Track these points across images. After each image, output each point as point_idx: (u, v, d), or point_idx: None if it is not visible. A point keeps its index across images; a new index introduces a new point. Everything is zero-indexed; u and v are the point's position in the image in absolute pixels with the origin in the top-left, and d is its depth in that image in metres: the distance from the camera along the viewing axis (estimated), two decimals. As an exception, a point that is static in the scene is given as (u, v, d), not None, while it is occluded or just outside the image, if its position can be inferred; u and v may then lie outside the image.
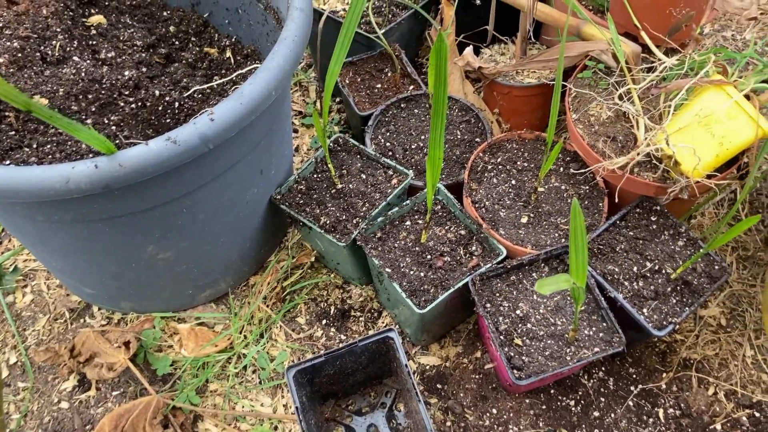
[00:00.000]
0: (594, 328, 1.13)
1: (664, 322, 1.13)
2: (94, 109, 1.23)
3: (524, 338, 1.12)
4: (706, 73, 1.15)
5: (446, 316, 1.26)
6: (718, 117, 1.13)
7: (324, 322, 1.35)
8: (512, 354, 1.10)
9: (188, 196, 1.08)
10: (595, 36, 1.24)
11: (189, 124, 0.96)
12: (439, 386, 1.27)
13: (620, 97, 1.17)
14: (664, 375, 1.26)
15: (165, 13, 1.49)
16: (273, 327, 1.34)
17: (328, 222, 1.24)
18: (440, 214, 1.26)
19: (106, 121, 1.23)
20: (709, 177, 1.15)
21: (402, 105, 1.46)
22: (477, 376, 1.28)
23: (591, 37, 1.25)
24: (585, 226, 1.23)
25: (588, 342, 1.11)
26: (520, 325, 1.13)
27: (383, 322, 1.35)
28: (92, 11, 1.42)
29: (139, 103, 1.26)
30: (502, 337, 1.12)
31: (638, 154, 1.12)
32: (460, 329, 1.34)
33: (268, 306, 1.36)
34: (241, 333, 1.33)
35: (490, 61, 1.51)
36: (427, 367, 1.30)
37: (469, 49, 1.44)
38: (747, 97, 1.15)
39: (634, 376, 1.26)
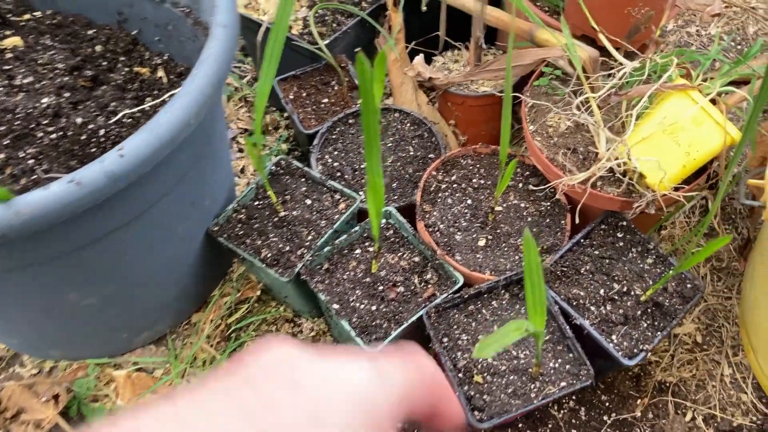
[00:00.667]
0: (560, 360, 1.04)
1: (635, 350, 1.04)
2: (7, 142, 1.12)
3: (485, 374, 1.02)
4: (669, 78, 1.07)
5: (403, 351, 1.17)
6: (684, 124, 1.05)
7: (274, 360, 1.25)
8: (472, 393, 1.01)
9: (107, 237, 0.98)
10: (549, 41, 1.15)
11: (95, 162, 0.86)
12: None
13: (578, 107, 1.08)
14: (639, 401, 1.18)
15: (90, 32, 1.37)
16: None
17: (269, 255, 1.13)
18: (392, 240, 1.17)
19: (22, 155, 1.11)
20: (676, 189, 1.07)
21: (350, 121, 1.36)
22: (440, 412, 1.18)
23: (545, 43, 1.16)
24: (547, 247, 1.15)
25: (554, 376, 1.02)
26: (480, 360, 1.04)
27: (337, 358, 1.25)
28: (6, 33, 1.31)
29: (60, 133, 1.15)
30: (460, 374, 1.03)
31: (599, 169, 1.04)
32: (420, 361, 1.25)
33: (212, 346, 1.26)
34: (183, 377, 1.23)
35: (443, 69, 1.42)
36: (386, 405, 1.20)
37: (419, 58, 1.35)
38: (713, 101, 1.07)
39: (607, 404, 1.18)
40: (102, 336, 1.19)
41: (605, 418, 1.16)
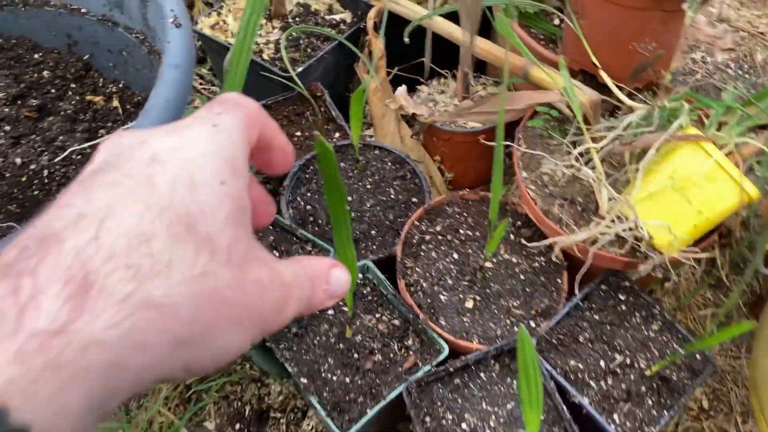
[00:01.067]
0: (556, 444, 0.93)
1: (640, 432, 0.93)
2: (-67, 187, 0.99)
3: (472, 462, 0.91)
4: (680, 126, 0.95)
5: (381, 423, 1.05)
6: (696, 180, 0.93)
7: (237, 426, 1.13)
8: (457, 484, 0.89)
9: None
10: (544, 81, 1.03)
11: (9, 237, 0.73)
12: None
13: (577, 158, 0.96)
14: (641, 478, 1.07)
15: (36, 56, 1.24)
16: (176, 435, 1.12)
17: (231, 318, 1.01)
18: (369, 298, 1.05)
19: (-49, 202, 0.99)
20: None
21: (325, 158, 1.23)
22: (421, 489, 1.07)
23: (540, 82, 1.04)
24: (542, 310, 1.03)
25: (549, 463, 0.91)
26: (466, 444, 0.92)
27: (309, 425, 1.13)
28: (-61, 59, 1.17)
29: (-4, 175, 1.03)
30: (444, 462, 0.91)
31: (600, 232, 0.92)
32: (400, 429, 1.13)
33: (170, 409, 1.14)
34: (136, 447, 1.10)
35: (428, 100, 1.30)
36: (362, 479, 1.08)
37: (402, 90, 1.23)
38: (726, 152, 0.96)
39: (606, 480, 1.07)
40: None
41: (603, 498, 1.05)
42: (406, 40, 1.10)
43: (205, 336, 0.29)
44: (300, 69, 1.25)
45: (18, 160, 1.04)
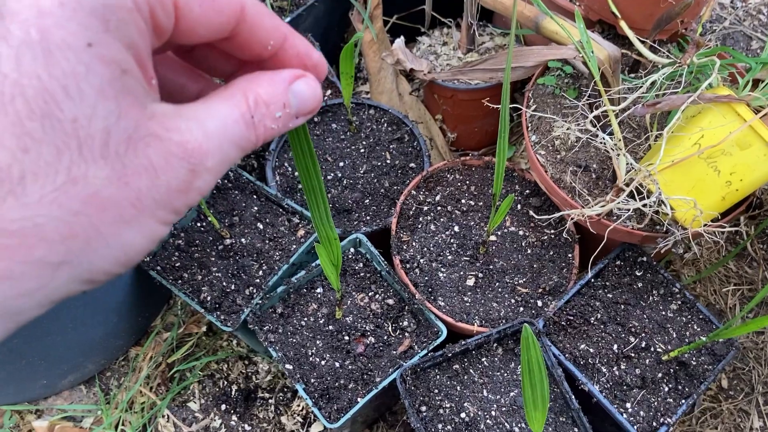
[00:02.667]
0: (562, 436, 0.85)
1: (654, 423, 0.85)
2: None
3: (472, 454, 0.84)
4: (709, 86, 0.84)
5: (374, 408, 0.98)
6: (726, 147, 0.83)
7: (223, 407, 1.06)
8: (456, 479, 0.82)
9: None
10: (558, 34, 0.91)
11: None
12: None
13: (593, 122, 0.86)
14: (653, 464, 1.00)
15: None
16: (159, 416, 1.05)
17: (210, 296, 0.93)
18: (362, 274, 0.96)
19: None
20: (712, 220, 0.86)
21: (314, 119, 1.13)
22: (418, 475, 1.01)
23: (553, 35, 0.93)
24: (550, 288, 0.94)
25: (555, 457, 0.84)
26: (466, 435, 0.85)
27: (299, 405, 1.06)
28: None
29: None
30: (441, 455, 0.84)
31: (617, 205, 0.82)
32: (396, 410, 1.06)
33: (151, 389, 1.07)
34: (116, 429, 1.04)
35: (429, 53, 1.18)
36: (355, 464, 1.02)
37: (399, 42, 1.11)
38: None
39: (615, 467, 1.00)
40: (15, 385, 1.00)
41: (612, 486, 0.99)
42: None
43: (90, 248, 0.24)
44: (287, 19, 1.14)
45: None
